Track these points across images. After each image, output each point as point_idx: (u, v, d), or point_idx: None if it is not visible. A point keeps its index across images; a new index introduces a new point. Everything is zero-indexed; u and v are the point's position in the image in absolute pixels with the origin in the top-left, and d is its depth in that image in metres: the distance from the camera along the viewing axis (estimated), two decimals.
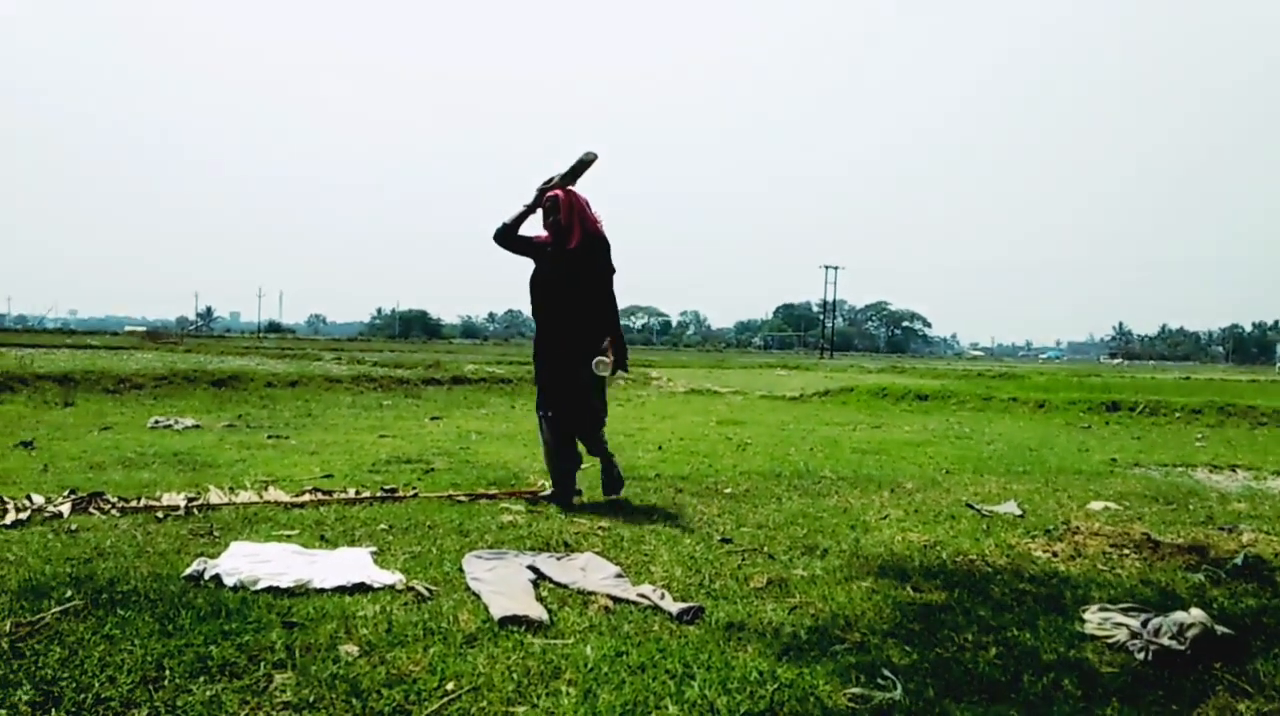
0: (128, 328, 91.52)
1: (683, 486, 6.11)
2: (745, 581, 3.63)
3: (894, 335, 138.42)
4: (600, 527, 4.62)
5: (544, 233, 5.34)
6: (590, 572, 3.67)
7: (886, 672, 2.64)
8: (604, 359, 5.20)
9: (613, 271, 5.34)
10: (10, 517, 4.32)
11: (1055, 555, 4.28)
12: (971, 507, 5.48)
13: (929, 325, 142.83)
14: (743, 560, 4.00)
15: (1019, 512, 5.35)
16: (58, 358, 18.28)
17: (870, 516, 5.14)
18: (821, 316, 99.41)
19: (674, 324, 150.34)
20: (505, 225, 5.33)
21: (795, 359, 59.83)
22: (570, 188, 5.24)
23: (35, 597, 3.05)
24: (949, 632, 3.06)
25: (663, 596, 3.32)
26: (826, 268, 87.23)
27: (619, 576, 3.62)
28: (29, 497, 4.72)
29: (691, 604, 3.23)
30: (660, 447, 8.60)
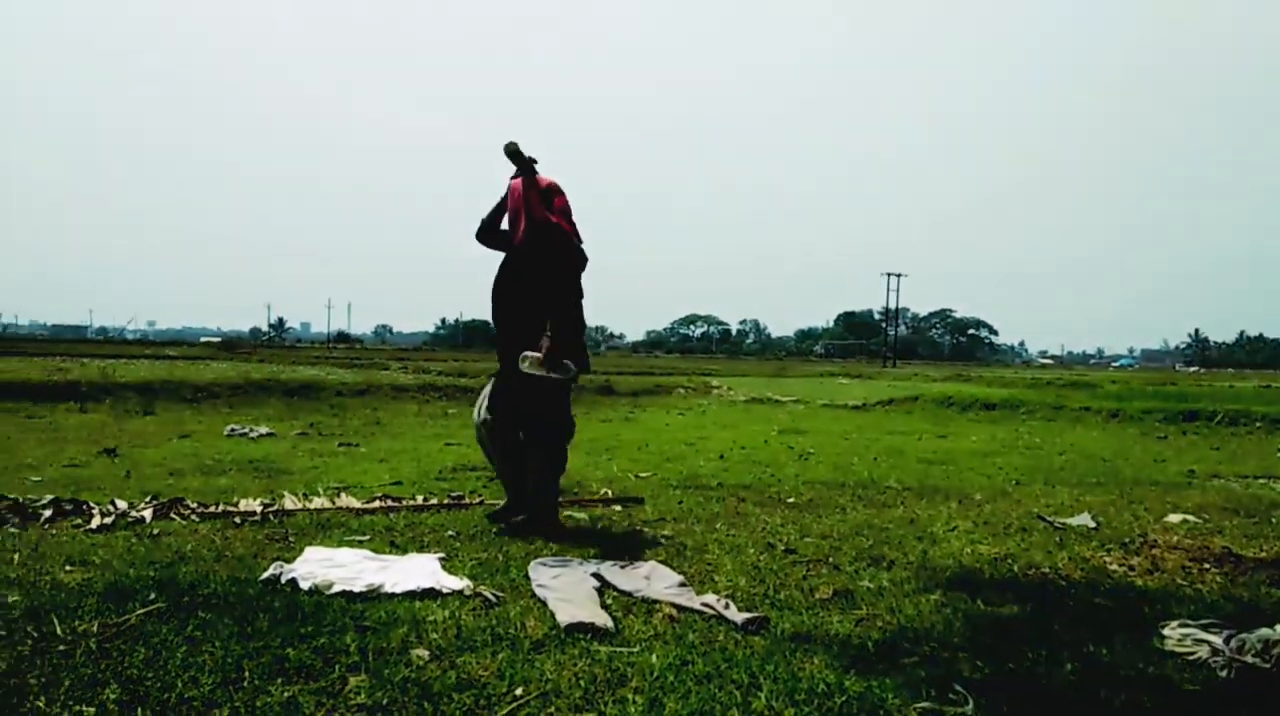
0: (203, 338, 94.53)
1: (745, 496, 6.09)
2: (810, 592, 3.60)
3: (959, 343, 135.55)
4: (663, 536, 4.63)
5: None
6: (654, 581, 3.68)
7: (958, 687, 2.60)
8: (532, 355, 4.60)
9: (572, 264, 4.76)
10: (96, 522, 4.49)
11: (1132, 569, 4.16)
12: (1043, 520, 5.35)
13: (995, 332, 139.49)
14: (807, 571, 3.97)
15: (1093, 525, 5.22)
16: (138, 368, 18.93)
17: (938, 528, 5.05)
18: (884, 324, 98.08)
19: (733, 332, 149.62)
20: (483, 221, 4.84)
21: (857, 367, 59.12)
22: (529, 177, 4.65)
23: (121, 599, 3.16)
24: (1022, 647, 3.00)
25: (727, 606, 3.31)
26: (889, 275, 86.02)
27: (683, 585, 3.62)
28: (113, 503, 4.88)
29: (756, 614, 3.21)
30: (722, 456, 8.59)
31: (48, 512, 4.62)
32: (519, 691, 2.50)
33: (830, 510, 5.60)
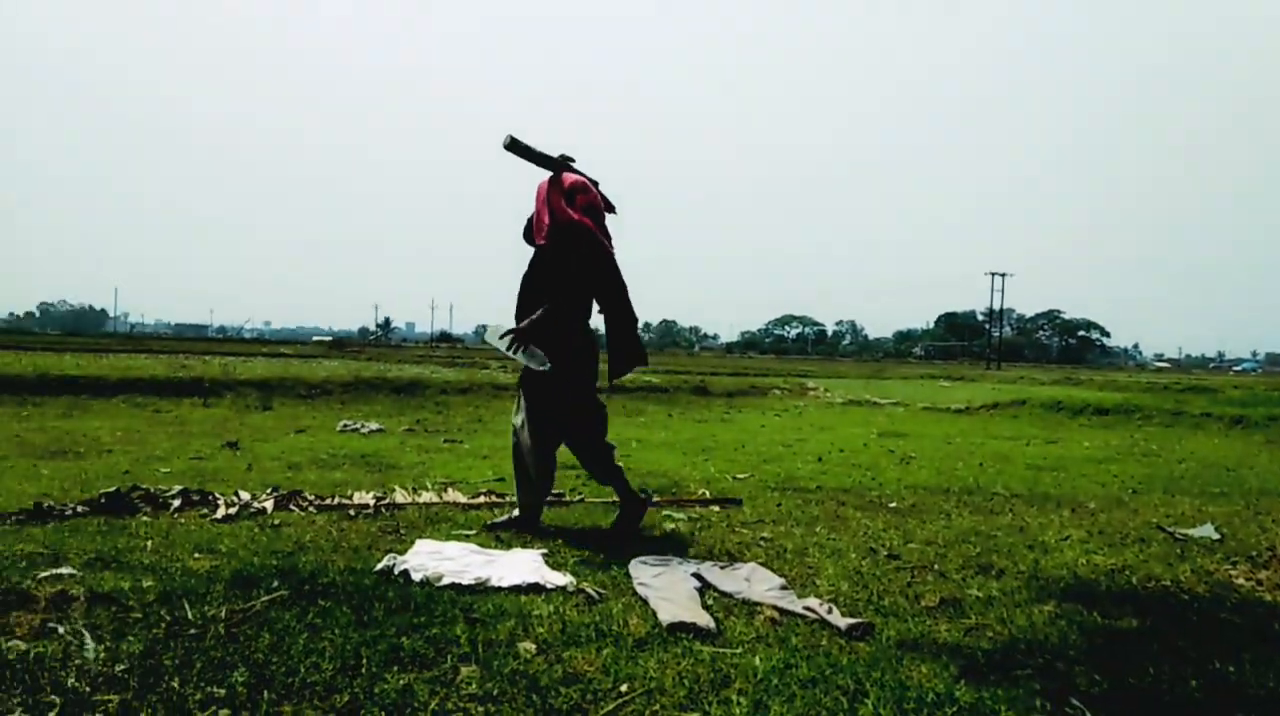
0: (315, 338, 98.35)
1: (845, 499, 6.01)
2: (916, 599, 3.53)
3: (1068, 345, 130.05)
4: (762, 538, 4.61)
5: None
6: (755, 583, 3.66)
7: (1075, 701, 2.52)
8: (494, 326, 4.53)
9: (596, 261, 4.57)
10: (221, 512, 4.73)
11: (1260, 584, 3.95)
12: (1163, 530, 5.12)
13: (1107, 334, 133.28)
14: (912, 577, 3.90)
15: (1217, 537, 4.97)
16: (256, 365, 19.82)
17: (1049, 537, 4.89)
18: (987, 325, 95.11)
19: (829, 333, 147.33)
20: (528, 220, 4.70)
21: (959, 369, 57.51)
22: (556, 175, 4.56)
23: (247, 586, 3.31)
24: (1143, 662, 2.88)
25: (830, 610, 3.27)
26: (993, 275, 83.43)
27: (784, 588, 3.60)
28: (237, 494, 5.13)
29: (860, 620, 3.17)
30: (820, 459, 8.49)
31: (177, 502, 4.88)
32: (624, 688, 2.53)
33: (934, 516, 5.48)
